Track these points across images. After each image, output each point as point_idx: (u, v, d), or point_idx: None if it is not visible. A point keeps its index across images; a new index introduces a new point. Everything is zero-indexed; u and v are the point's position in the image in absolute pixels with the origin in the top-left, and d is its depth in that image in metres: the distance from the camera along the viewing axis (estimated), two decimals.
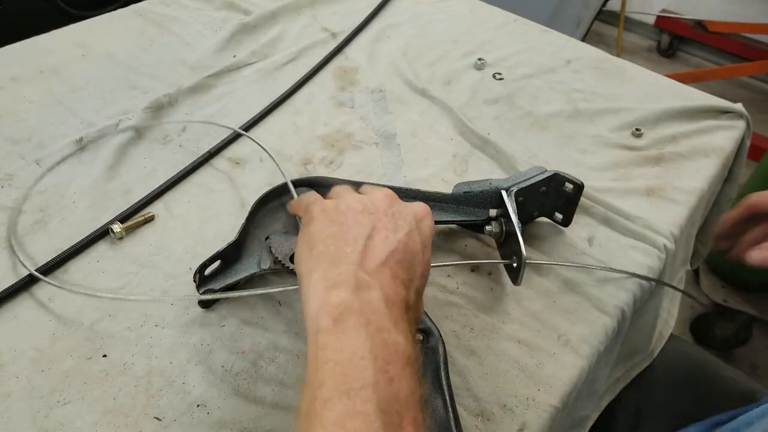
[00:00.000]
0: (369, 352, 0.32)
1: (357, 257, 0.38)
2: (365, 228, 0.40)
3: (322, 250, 0.39)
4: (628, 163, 0.76)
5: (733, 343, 1.59)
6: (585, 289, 0.60)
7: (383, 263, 0.38)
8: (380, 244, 0.39)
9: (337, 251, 0.38)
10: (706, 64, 2.86)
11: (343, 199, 0.43)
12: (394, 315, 0.36)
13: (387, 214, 0.42)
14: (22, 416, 0.47)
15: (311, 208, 0.43)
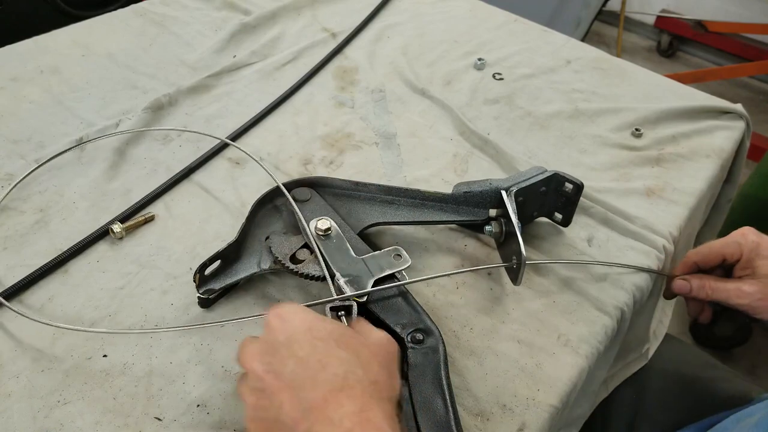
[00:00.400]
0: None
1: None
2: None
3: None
4: (627, 163, 0.76)
5: (733, 343, 1.59)
6: (585, 289, 0.60)
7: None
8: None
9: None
10: (706, 64, 2.86)
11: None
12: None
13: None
14: (22, 416, 0.47)
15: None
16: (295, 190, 0.60)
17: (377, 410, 0.35)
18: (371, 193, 0.62)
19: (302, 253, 0.55)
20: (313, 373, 0.36)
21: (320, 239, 0.54)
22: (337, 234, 0.55)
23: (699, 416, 0.66)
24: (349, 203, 0.61)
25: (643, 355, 0.72)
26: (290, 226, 0.59)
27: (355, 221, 0.60)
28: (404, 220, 0.61)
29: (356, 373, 0.37)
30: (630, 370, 0.72)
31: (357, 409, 0.34)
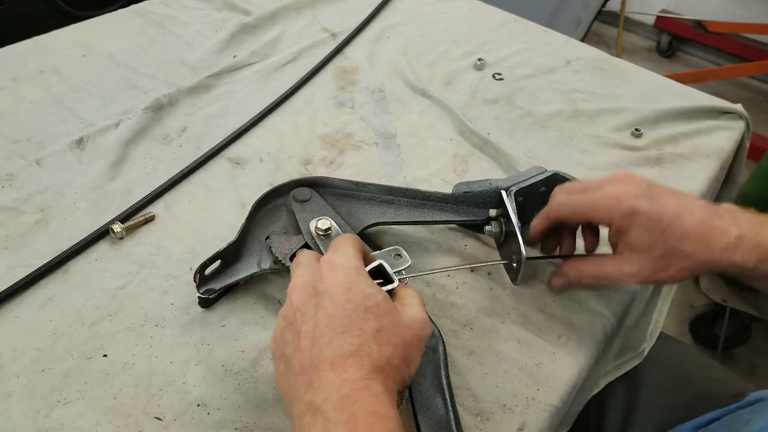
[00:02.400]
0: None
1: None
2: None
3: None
4: (627, 163, 0.76)
5: (733, 343, 1.59)
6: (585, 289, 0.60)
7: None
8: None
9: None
10: (706, 64, 2.86)
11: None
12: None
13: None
14: (22, 416, 0.47)
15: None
16: (295, 190, 0.60)
17: (379, 382, 0.36)
18: (371, 193, 0.62)
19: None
20: (332, 333, 0.37)
21: (320, 239, 0.55)
22: (338, 234, 0.55)
23: (693, 414, 0.66)
24: (349, 203, 0.61)
25: (639, 354, 0.73)
26: (290, 226, 0.59)
27: (356, 221, 0.60)
28: (404, 220, 0.61)
29: (370, 347, 0.37)
30: (623, 369, 0.72)
31: (360, 376, 0.35)
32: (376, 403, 0.35)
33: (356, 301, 0.39)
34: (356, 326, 0.38)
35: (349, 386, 0.35)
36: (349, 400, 0.34)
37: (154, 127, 0.76)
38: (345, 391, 0.35)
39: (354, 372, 0.36)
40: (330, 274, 0.41)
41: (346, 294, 0.39)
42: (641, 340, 0.73)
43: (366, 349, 0.37)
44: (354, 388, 0.35)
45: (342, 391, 0.35)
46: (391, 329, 0.39)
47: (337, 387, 0.35)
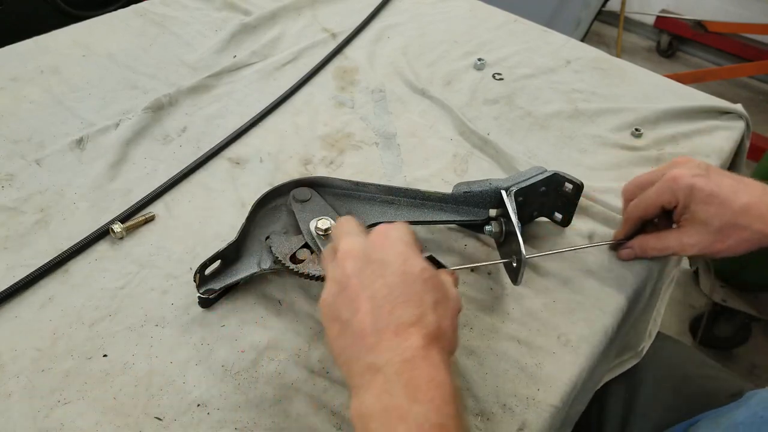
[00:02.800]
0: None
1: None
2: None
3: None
4: (627, 163, 0.76)
5: (733, 343, 1.59)
6: (585, 288, 0.60)
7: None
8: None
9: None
10: (706, 64, 2.86)
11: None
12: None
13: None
14: (22, 416, 0.47)
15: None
16: (295, 190, 0.60)
17: (438, 352, 0.38)
18: (371, 193, 0.62)
19: (302, 252, 0.55)
20: (395, 302, 0.39)
21: (320, 239, 0.55)
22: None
23: (692, 414, 0.66)
24: (349, 203, 0.62)
25: (637, 353, 0.73)
26: (290, 226, 0.59)
27: None
28: (404, 220, 0.61)
29: (429, 318, 0.39)
30: (622, 368, 0.72)
31: (421, 345, 0.38)
32: (434, 370, 0.37)
33: (414, 273, 0.41)
34: (417, 296, 0.40)
35: (411, 353, 0.37)
36: (410, 365, 0.37)
37: (154, 127, 0.76)
38: (407, 356, 0.37)
39: (415, 340, 0.38)
40: (386, 245, 0.42)
41: (404, 265, 0.41)
42: (640, 340, 0.73)
43: (426, 319, 0.39)
44: (415, 354, 0.37)
45: (404, 356, 0.37)
46: (445, 302, 0.42)
47: (400, 352, 0.37)
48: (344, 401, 0.50)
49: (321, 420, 0.49)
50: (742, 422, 0.55)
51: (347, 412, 0.49)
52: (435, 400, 0.36)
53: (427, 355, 0.38)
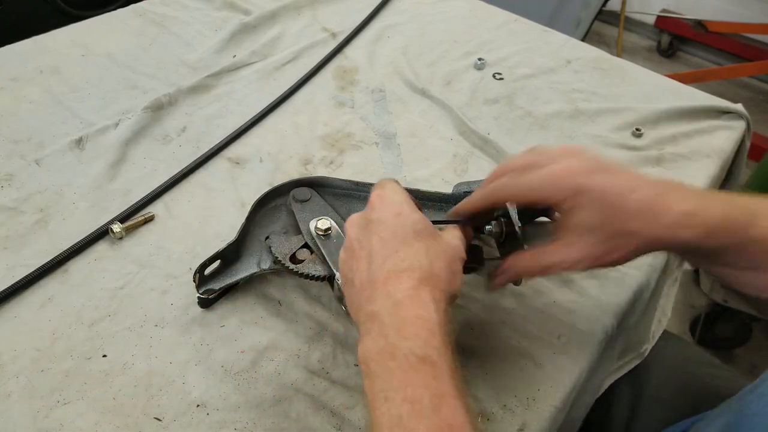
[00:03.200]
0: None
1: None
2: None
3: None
4: (628, 163, 0.76)
5: (734, 343, 1.59)
6: (585, 289, 0.60)
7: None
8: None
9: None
10: (706, 64, 2.85)
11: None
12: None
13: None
14: (22, 416, 0.47)
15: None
16: (294, 190, 0.60)
17: (428, 291, 0.41)
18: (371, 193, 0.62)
19: (302, 252, 0.55)
20: (387, 253, 0.42)
21: (320, 239, 0.54)
22: (338, 234, 0.55)
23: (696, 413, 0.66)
24: (349, 203, 0.61)
25: (640, 354, 0.73)
26: (290, 226, 0.59)
27: None
28: None
29: (420, 262, 0.42)
30: (625, 369, 0.72)
31: (410, 286, 0.40)
32: (422, 308, 0.39)
33: (405, 225, 0.44)
34: (407, 245, 0.43)
35: (401, 294, 0.40)
36: (400, 306, 0.39)
37: (153, 127, 0.76)
38: (397, 298, 0.40)
39: (406, 282, 0.40)
40: (380, 205, 0.46)
41: (396, 219, 0.44)
42: (643, 341, 0.73)
43: (416, 263, 0.42)
44: (405, 295, 0.40)
45: (394, 298, 0.40)
46: (437, 247, 0.44)
47: (391, 296, 0.40)
48: (344, 401, 0.50)
49: (321, 420, 0.49)
50: (755, 413, 0.54)
51: (347, 412, 0.49)
52: (420, 334, 0.38)
53: (415, 294, 0.40)
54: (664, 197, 0.44)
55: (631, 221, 0.44)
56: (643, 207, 0.44)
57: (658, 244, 0.45)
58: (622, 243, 0.45)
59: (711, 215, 0.44)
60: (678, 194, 0.45)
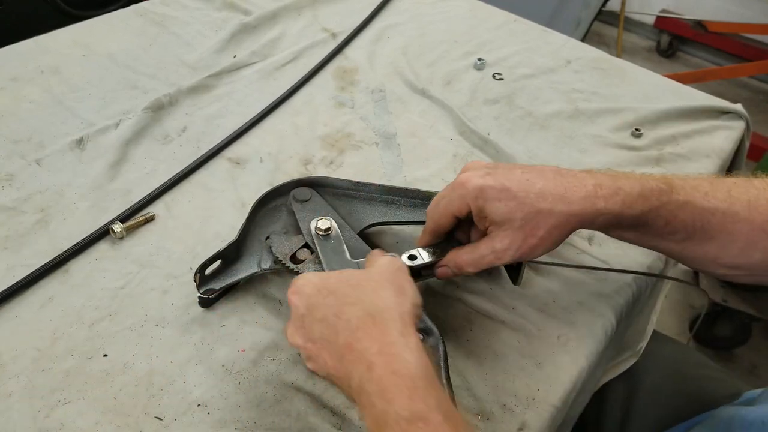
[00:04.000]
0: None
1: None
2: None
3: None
4: (627, 163, 0.76)
5: (733, 343, 1.59)
6: (585, 289, 0.60)
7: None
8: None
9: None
10: (706, 64, 2.86)
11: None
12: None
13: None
14: (22, 416, 0.47)
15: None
16: (295, 190, 0.60)
17: (393, 332, 0.40)
18: (371, 193, 0.62)
19: (302, 252, 0.55)
20: (333, 326, 0.41)
21: (319, 239, 0.55)
22: (337, 234, 0.55)
23: (690, 414, 0.66)
24: (349, 203, 0.62)
25: (636, 352, 0.73)
26: (290, 225, 0.59)
27: (356, 221, 0.60)
28: (404, 219, 0.61)
29: (366, 309, 0.41)
30: (621, 368, 0.72)
31: (374, 341, 0.39)
32: (393, 360, 0.38)
33: (332, 291, 0.43)
34: (345, 304, 0.42)
35: (368, 354, 0.39)
36: (373, 367, 0.38)
37: (154, 127, 0.76)
38: (368, 360, 0.38)
39: (366, 341, 0.39)
40: (300, 297, 0.44)
41: (320, 294, 0.44)
42: (639, 339, 0.73)
43: (359, 310, 0.41)
44: (372, 353, 0.39)
45: (365, 362, 0.38)
46: (370, 282, 0.44)
47: (362, 361, 0.39)
48: (344, 400, 0.50)
49: (321, 420, 0.49)
50: (753, 422, 0.54)
51: (348, 412, 0.49)
52: (403, 392, 0.37)
53: (380, 349, 0.39)
54: (570, 178, 0.48)
55: (540, 201, 0.47)
56: (550, 187, 0.47)
57: (577, 219, 0.48)
58: (540, 221, 0.47)
59: (627, 184, 0.48)
60: (585, 174, 0.49)
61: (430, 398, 0.36)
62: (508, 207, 0.47)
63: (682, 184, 0.49)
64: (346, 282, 0.44)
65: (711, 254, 0.50)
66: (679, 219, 0.49)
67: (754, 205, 0.48)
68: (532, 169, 0.49)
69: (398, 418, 0.35)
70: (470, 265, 0.51)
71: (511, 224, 0.47)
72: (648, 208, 0.48)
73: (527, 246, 0.48)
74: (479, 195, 0.48)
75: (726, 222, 0.48)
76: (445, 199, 0.51)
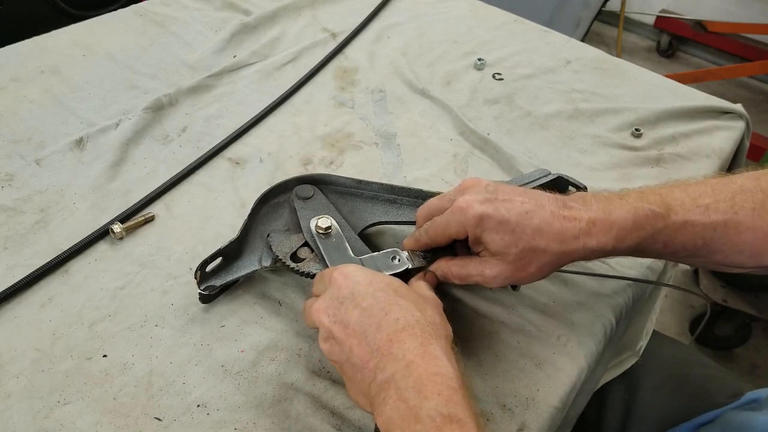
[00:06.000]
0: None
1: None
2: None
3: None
4: (627, 163, 0.76)
5: (733, 343, 1.59)
6: (585, 289, 0.60)
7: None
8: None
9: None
10: (706, 64, 2.86)
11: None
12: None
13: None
14: (22, 416, 0.47)
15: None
16: (297, 187, 0.60)
17: (436, 345, 0.40)
18: (374, 192, 0.62)
19: (303, 251, 0.55)
20: (377, 319, 0.41)
21: (320, 237, 0.55)
22: (337, 233, 0.55)
23: (691, 414, 0.66)
24: (351, 201, 0.62)
25: (635, 352, 0.73)
26: (292, 223, 0.59)
27: (357, 220, 0.60)
28: (406, 219, 0.61)
29: (415, 316, 0.42)
30: (622, 368, 0.72)
31: (418, 344, 0.40)
32: (435, 363, 0.39)
33: (382, 288, 0.44)
34: (395, 304, 0.42)
35: (411, 355, 0.39)
36: (413, 366, 0.38)
37: (154, 127, 0.76)
38: (408, 359, 0.39)
39: (410, 341, 0.40)
40: (348, 280, 0.45)
41: (371, 286, 0.44)
42: (638, 339, 0.73)
43: (412, 319, 0.41)
44: (415, 354, 0.39)
45: (406, 360, 0.39)
46: (420, 299, 0.45)
47: (401, 358, 0.39)
48: (344, 401, 0.50)
49: (321, 420, 0.49)
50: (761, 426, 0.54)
51: (347, 412, 0.49)
52: (443, 392, 0.37)
53: (425, 352, 0.39)
54: (566, 211, 0.48)
55: (536, 239, 0.47)
56: (546, 224, 0.47)
57: (569, 256, 0.48)
58: (533, 258, 0.48)
59: (621, 217, 0.47)
60: (581, 205, 0.48)
61: (467, 406, 0.37)
62: (504, 241, 0.48)
63: (682, 199, 0.48)
64: (396, 286, 0.45)
65: (718, 262, 0.50)
66: (678, 241, 0.48)
67: (759, 213, 0.47)
68: (531, 198, 0.49)
69: (434, 414, 0.36)
70: (457, 279, 0.52)
71: (504, 257, 0.48)
72: (643, 238, 0.48)
73: (515, 277, 0.49)
74: (478, 224, 0.48)
75: (729, 234, 0.48)
76: (444, 221, 0.51)
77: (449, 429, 0.35)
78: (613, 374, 0.72)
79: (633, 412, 0.70)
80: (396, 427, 0.37)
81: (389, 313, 0.42)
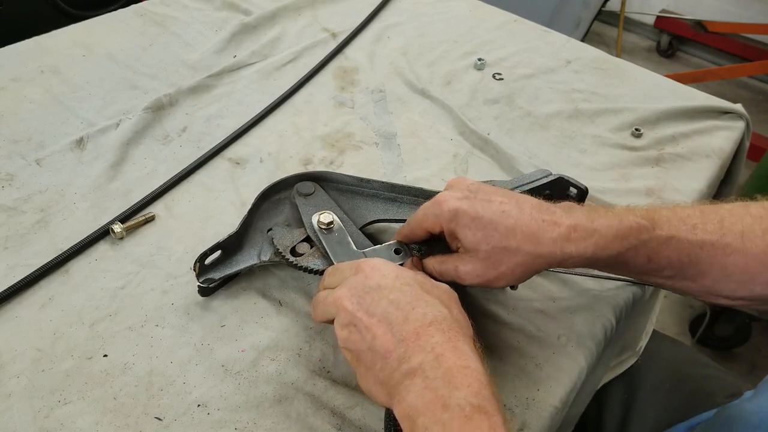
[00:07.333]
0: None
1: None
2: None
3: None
4: (627, 163, 0.76)
5: (733, 343, 1.59)
6: (585, 289, 0.60)
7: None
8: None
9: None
10: (706, 64, 2.86)
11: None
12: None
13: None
14: (22, 416, 0.47)
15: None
16: (299, 184, 0.60)
17: (463, 341, 0.41)
18: (375, 190, 0.62)
19: (303, 246, 0.56)
20: (405, 312, 0.42)
21: (322, 233, 0.55)
22: (339, 228, 0.55)
23: (690, 414, 0.66)
24: (352, 199, 0.62)
25: (636, 352, 0.73)
26: (292, 219, 0.59)
27: (358, 217, 0.60)
28: (406, 218, 0.61)
29: (442, 312, 0.42)
30: (622, 368, 0.72)
31: (446, 339, 0.40)
32: (465, 358, 0.39)
33: (409, 282, 0.44)
34: (422, 299, 0.43)
35: (440, 348, 0.39)
36: (442, 358, 0.39)
37: (154, 127, 0.76)
38: (437, 351, 0.39)
39: (438, 336, 0.40)
40: (375, 272, 0.45)
41: (398, 280, 0.44)
42: (638, 339, 0.73)
43: (439, 315, 0.42)
44: (445, 348, 0.39)
45: (435, 352, 0.39)
46: (445, 296, 0.45)
47: (429, 350, 0.39)
48: (345, 401, 0.50)
49: (321, 420, 0.49)
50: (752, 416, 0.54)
51: (348, 412, 0.49)
52: (472, 385, 0.38)
53: (454, 346, 0.40)
54: (546, 215, 0.47)
55: (509, 238, 0.47)
56: (522, 225, 0.47)
57: (544, 260, 0.47)
58: (503, 258, 0.47)
59: (604, 225, 0.47)
60: (564, 211, 0.48)
61: (495, 401, 0.38)
62: (476, 237, 0.47)
63: (669, 217, 0.48)
64: (423, 282, 0.46)
65: (707, 288, 0.49)
66: (663, 256, 0.47)
67: (749, 236, 0.47)
68: (511, 199, 0.49)
69: (464, 404, 0.36)
70: (437, 273, 0.52)
71: (476, 254, 0.48)
72: (625, 248, 0.47)
73: (487, 277, 0.49)
74: (452, 218, 0.48)
75: (716, 255, 0.47)
76: (422, 214, 0.51)
77: (478, 419, 0.36)
78: (613, 374, 0.72)
79: (633, 411, 0.70)
80: (419, 414, 0.37)
81: (416, 308, 0.42)
